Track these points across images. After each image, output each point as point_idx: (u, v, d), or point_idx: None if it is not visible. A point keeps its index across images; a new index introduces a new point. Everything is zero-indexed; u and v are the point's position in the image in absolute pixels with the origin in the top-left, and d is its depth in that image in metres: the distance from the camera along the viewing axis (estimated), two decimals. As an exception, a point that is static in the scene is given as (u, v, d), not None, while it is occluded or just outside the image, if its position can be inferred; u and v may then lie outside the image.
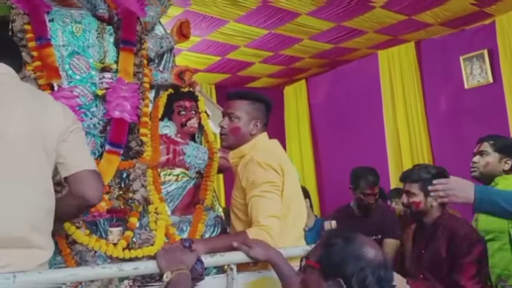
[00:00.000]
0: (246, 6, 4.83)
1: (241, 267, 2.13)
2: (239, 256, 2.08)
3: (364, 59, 6.70)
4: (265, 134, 2.48)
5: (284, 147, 7.35)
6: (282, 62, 6.62)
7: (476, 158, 3.06)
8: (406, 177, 3.00)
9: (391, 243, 3.66)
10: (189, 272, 1.79)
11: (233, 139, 2.44)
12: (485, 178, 3.02)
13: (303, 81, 7.56)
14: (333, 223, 3.03)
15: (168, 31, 2.94)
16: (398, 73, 6.34)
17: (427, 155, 6.01)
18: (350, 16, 5.23)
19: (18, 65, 1.96)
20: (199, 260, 1.87)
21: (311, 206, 4.52)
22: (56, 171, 1.89)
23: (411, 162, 5.99)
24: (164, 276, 1.75)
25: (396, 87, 6.35)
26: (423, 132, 6.08)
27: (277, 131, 7.36)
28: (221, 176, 6.56)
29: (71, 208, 1.95)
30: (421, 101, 6.15)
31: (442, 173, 2.85)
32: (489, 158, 3.01)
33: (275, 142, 2.49)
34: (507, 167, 2.99)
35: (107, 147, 2.44)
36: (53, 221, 1.82)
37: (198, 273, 1.85)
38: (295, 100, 7.71)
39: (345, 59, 6.75)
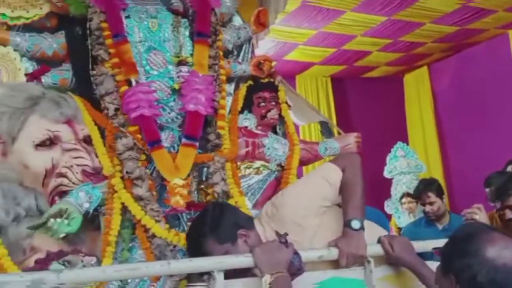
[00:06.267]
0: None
1: None
2: (376, 249, 1.95)
3: (494, 40, 6.24)
4: None
5: (406, 137, 7.12)
6: (401, 49, 6.32)
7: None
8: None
9: None
10: (287, 270, 1.75)
11: None
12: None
13: (425, 67, 7.20)
14: None
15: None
16: (533, 52, 5.75)
17: None
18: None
19: None
20: (295, 254, 1.81)
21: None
22: None
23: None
24: (263, 280, 1.71)
25: (532, 68, 5.76)
26: None
27: (397, 121, 7.18)
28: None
29: None
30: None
31: None
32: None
33: None
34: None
35: (183, 140, 2.44)
36: None
37: (296, 267, 1.80)
38: (416, 88, 7.34)
39: (472, 41, 6.30)
